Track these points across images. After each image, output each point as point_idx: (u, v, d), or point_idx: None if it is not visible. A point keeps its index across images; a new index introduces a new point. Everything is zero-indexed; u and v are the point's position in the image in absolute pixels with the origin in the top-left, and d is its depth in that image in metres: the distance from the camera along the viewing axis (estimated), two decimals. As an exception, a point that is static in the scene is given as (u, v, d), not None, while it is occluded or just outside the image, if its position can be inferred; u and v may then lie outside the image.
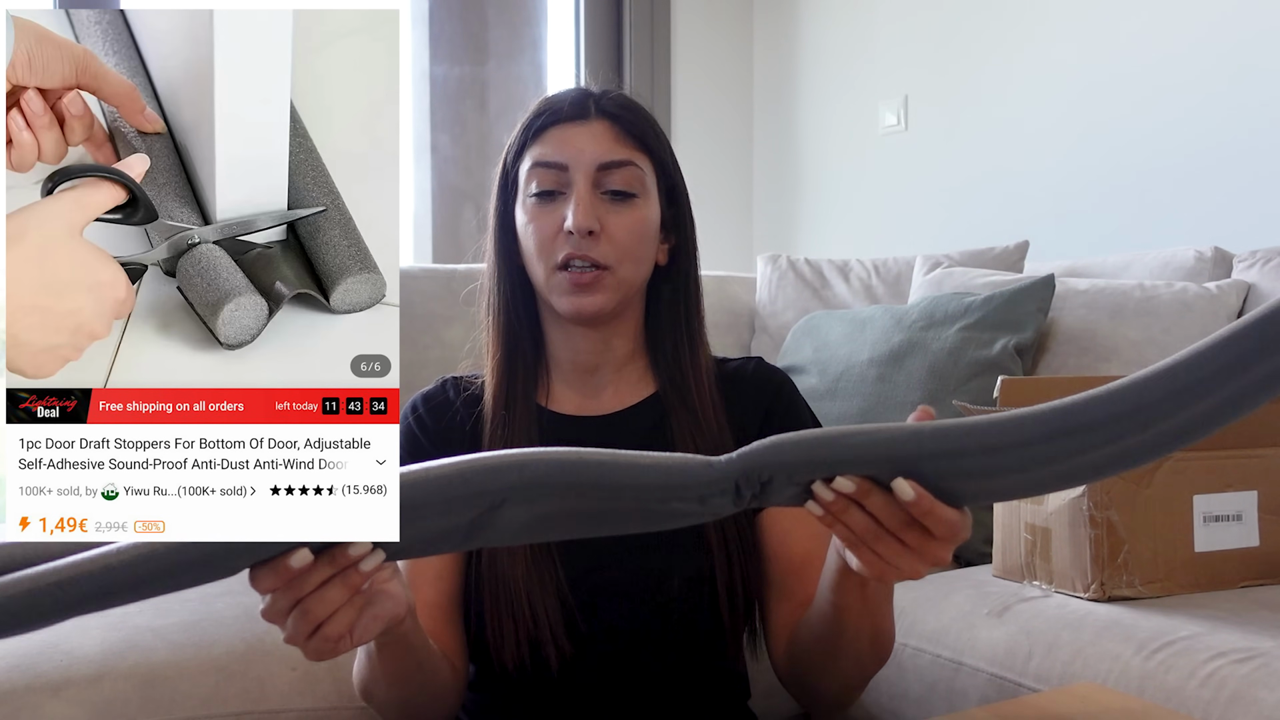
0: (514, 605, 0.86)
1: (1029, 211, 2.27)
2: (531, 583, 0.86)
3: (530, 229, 0.91)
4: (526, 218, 0.92)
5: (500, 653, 0.88)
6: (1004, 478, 0.59)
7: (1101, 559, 1.13)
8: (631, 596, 0.89)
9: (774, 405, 0.97)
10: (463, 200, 2.62)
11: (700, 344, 0.97)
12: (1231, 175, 1.94)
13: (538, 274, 0.92)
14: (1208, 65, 1.97)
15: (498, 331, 0.95)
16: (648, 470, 0.57)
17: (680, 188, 0.97)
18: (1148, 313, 1.63)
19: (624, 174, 0.91)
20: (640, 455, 0.58)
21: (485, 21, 2.66)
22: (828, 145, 2.75)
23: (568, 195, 0.90)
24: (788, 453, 0.58)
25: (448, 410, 0.94)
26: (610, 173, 0.90)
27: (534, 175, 0.91)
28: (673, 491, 0.57)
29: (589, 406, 0.96)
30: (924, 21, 2.51)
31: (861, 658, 0.82)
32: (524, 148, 0.93)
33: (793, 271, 2.15)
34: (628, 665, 0.90)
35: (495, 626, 0.87)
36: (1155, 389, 0.54)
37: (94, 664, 1.02)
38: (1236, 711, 0.90)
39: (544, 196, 0.91)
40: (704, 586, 0.89)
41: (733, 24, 2.94)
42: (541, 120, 0.93)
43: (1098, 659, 1.02)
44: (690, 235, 0.97)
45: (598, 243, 0.89)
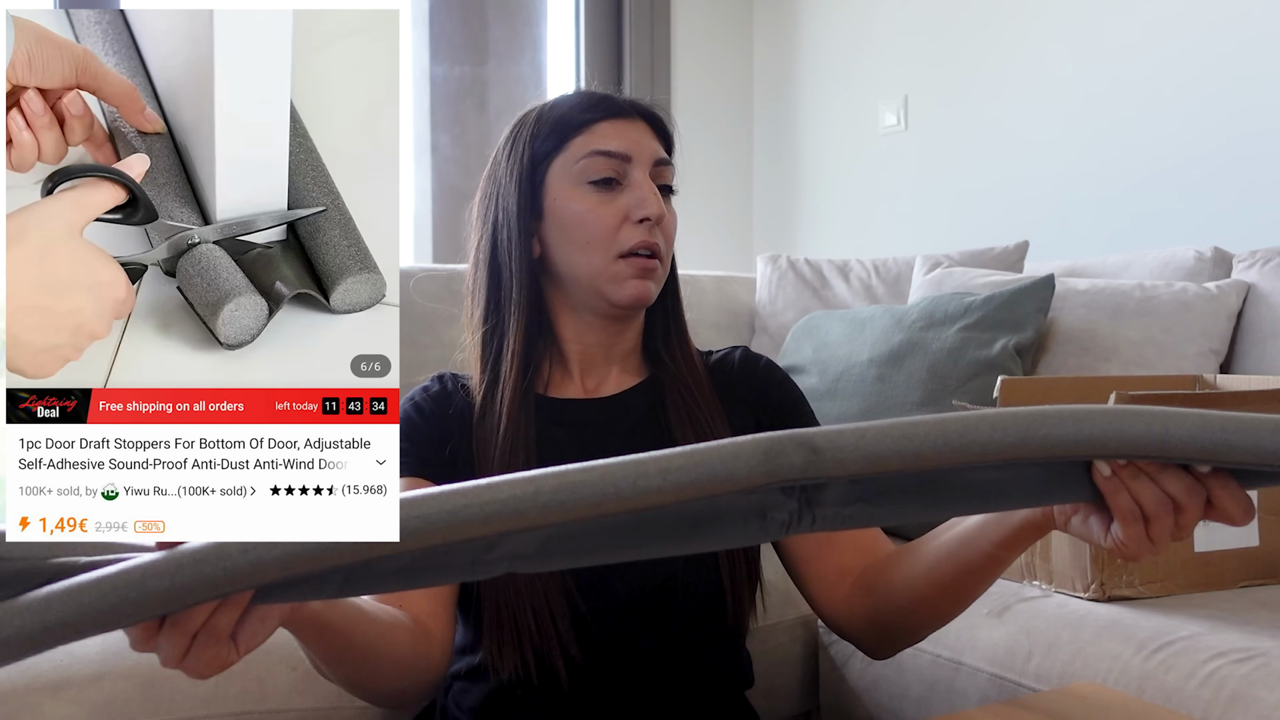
0: (515, 602, 0.86)
1: (1029, 211, 2.27)
2: (535, 588, 0.86)
3: (591, 216, 0.91)
4: (583, 206, 0.92)
5: (499, 660, 0.88)
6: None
7: (1101, 559, 1.13)
8: (631, 581, 0.89)
9: (768, 391, 1.00)
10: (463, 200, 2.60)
11: (686, 334, 1.00)
12: (1231, 175, 1.94)
13: (590, 263, 0.91)
14: (1208, 66, 1.97)
15: (520, 325, 0.93)
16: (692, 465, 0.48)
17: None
18: (1148, 313, 1.63)
19: (670, 171, 0.96)
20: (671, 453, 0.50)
21: (485, 21, 2.66)
22: (828, 145, 2.75)
23: (624, 185, 0.92)
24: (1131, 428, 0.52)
25: (447, 401, 0.95)
26: (661, 169, 0.95)
27: (593, 163, 0.92)
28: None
29: (589, 392, 0.98)
30: (924, 21, 2.51)
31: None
32: (565, 140, 0.93)
33: (793, 271, 2.15)
34: (626, 653, 0.90)
35: (495, 634, 0.87)
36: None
37: (94, 664, 1.02)
38: (1236, 711, 0.90)
39: (604, 184, 0.92)
40: (707, 572, 0.90)
41: (733, 24, 2.94)
42: (590, 114, 0.93)
43: (1098, 659, 1.02)
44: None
45: (658, 233, 0.92)
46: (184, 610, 0.51)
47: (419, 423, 0.93)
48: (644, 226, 0.91)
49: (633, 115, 0.95)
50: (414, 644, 0.83)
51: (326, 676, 0.83)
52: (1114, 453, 0.52)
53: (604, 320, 0.95)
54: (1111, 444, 0.51)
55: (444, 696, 0.99)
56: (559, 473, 0.49)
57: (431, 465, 0.91)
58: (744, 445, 0.49)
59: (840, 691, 1.27)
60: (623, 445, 0.91)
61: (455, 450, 0.92)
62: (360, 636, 0.77)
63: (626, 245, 0.91)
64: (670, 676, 0.92)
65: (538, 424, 0.93)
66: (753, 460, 0.48)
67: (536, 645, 0.87)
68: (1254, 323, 1.62)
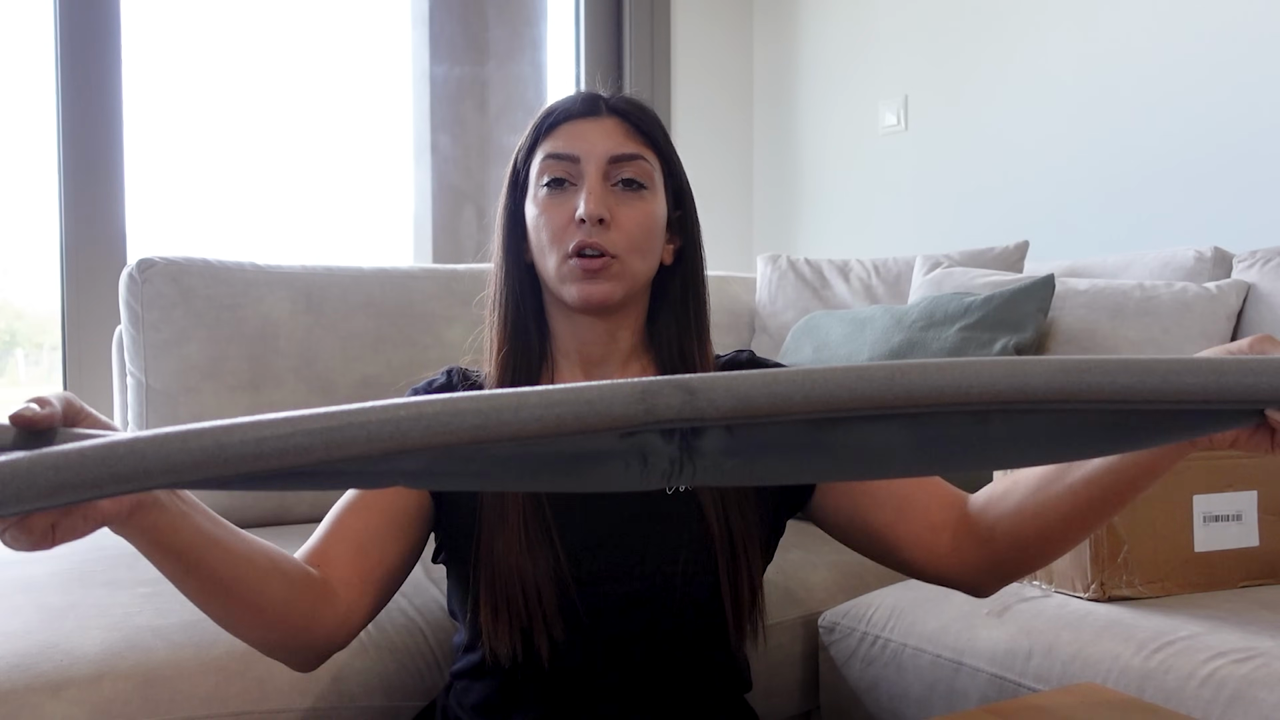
0: (509, 589, 0.87)
1: (1029, 211, 2.28)
2: (525, 566, 0.87)
3: (542, 219, 0.93)
4: (538, 209, 0.94)
5: (494, 640, 0.88)
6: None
7: (1101, 559, 1.13)
8: (630, 583, 0.90)
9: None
10: (463, 200, 2.61)
11: (707, 342, 0.99)
12: (1231, 176, 1.94)
13: (549, 265, 0.93)
14: (1209, 66, 1.97)
15: (503, 327, 0.96)
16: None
17: (686, 190, 1.00)
18: (1148, 313, 1.63)
19: (634, 166, 0.93)
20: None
21: (485, 21, 2.66)
22: (828, 145, 2.75)
23: (579, 186, 0.92)
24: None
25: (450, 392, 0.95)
26: (621, 165, 0.93)
27: (545, 167, 0.93)
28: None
29: None
30: (924, 22, 2.51)
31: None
32: (535, 145, 0.96)
33: (793, 271, 2.15)
34: (625, 655, 0.91)
35: (490, 613, 0.88)
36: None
37: (94, 664, 1.02)
38: (1236, 711, 0.90)
39: (555, 186, 0.93)
40: (706, 578, 0.90)
41: (733, 24, 2.94)
42: (553, 118, 0.95)
43: (1098, 659, 1.02)
44: (696, 236, 1.00)
45: (608, 231, 0.91)
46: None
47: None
48: (584, 227, 0.90)
49: (599, 114, 0.94)
50: (303, 600, 0.81)
51: (206, 612, 0.79)
52: (978, 399, 0.53)
53: (587, 320, 0.95)
54: (975, 392, 0.52)
55: (445, 696, 0.99)
56: (445, 399, 0.50)
57: None
58: (623, 385, 0.50)
59: (840, 691, 1.27)
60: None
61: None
62: (222, 569, 0.74)
63: (569, 246, 0.91)
64: (667, 679, 0.92)
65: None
66: (630, 398, 0.50)
67: (524, 624, 0.87)
68: (1254, 323, 1.62)
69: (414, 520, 0.91)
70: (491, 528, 0.88)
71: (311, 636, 0.83)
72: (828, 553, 1.44)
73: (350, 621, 0.86)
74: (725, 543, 0.90)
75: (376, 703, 1.10)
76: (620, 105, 0.95)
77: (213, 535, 0.74)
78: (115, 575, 1.24)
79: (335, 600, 0.84)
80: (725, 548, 0.90)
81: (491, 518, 0.89)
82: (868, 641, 1.24)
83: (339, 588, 0.84)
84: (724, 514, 0.90)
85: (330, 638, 0.85)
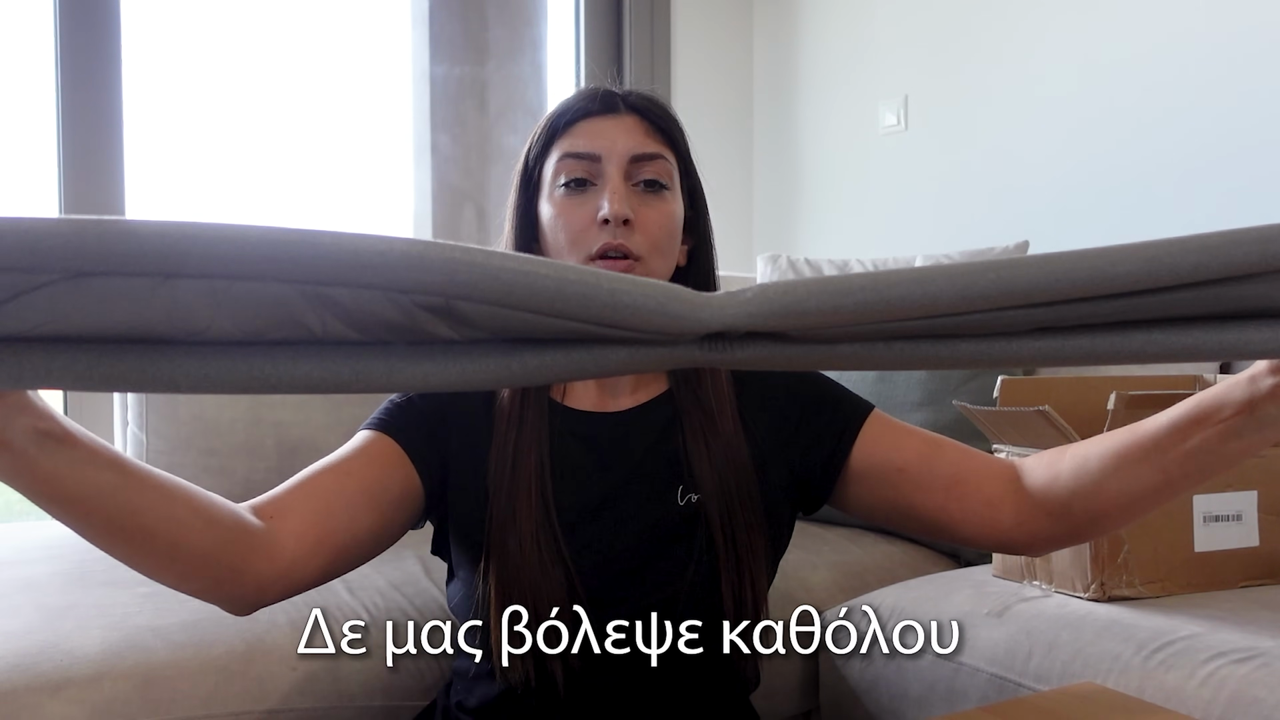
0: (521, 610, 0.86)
1: (1029, 211, 2.27)
2: (539, 583, 0.86)
3: (560, 220, 0.90)
4: (555, 209, 0.91)
5: (511, 673, 0.87)
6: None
7: (1101, 559, 1.13)
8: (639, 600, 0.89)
9: (800, 393, 0.97)
10: (463, 200, 2.61)
11: None
12: (1231, 176, 1.94)
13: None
14: (1209, 66, 1.97)
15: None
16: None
17: (700, 190, 0.98)
18: (1148, 313, 1.63)
19: (655, 166, 0.91)
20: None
21: (485, 21, 2.66)
22: (828, 145, 2.75)
23: (599, 186, 0.90)
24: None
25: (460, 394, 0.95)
26: (642, 165, 0.90)
27: (564, 166, 0.91)
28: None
29: (606, 404, 0.96)
30: (924, 22, 2.51)
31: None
32: (551, 142, 0.93)
33: (793, 271, 2.14)
34: (629, 665, 0.90)
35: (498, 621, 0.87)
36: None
37: (94, 664, 1.02)
38: (1236, 711, 0.90)
39: (574, 186, 0.90)
40: (710, 597, 0.90)
41: (733, 24, 2.94)
42: (569, 115, 0.92)
43: (1098, 659, 1.02)
44: (709, 237, 0.98)
45: (632, 233, 0.88)
46: None
47: (417, 402, 0.93)
48: (608, 228, 0.88)
49: (618, 111, 0.92)
50: (228, 553, 0.74)
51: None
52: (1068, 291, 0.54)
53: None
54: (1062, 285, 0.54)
55: (445, 696, 0.99)
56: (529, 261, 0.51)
57: (414, 441, 0.90)
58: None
59: (840, 691, 1.27)
60: (634, 468, 0.91)
61: (452, 438, 0.92)
62: (124, 519, 0.67)
63: (593, 248, 0.88)
64: (671, 682, 0.92)
65: (550, 429, 0.92)
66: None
67: (545, 665, 0.86)
68: (1254, 323, 1.62)
69: (393, 502, 0.88)
70: (503, 527, 0.88)
71: (239, 587, 0.77)
72: (828, 553, 1.44)
73: (291, 576, 0.80)
74: (730, 558, 0.89)
75: (376, 703, 1.10)
76: (639, 103, 0.93)
77: (111, 485, 0.65)
78: (115, 575, 1.24)
79: (276, 553, 0.78)
80: (730, 562, 0.89)
81: (502, 518, 0.88)
82: (868, 641, 1.24)
83: (287, 540, 0.79)
84: (730, 528, 0.89)
85: (262, 589, 0.78)
